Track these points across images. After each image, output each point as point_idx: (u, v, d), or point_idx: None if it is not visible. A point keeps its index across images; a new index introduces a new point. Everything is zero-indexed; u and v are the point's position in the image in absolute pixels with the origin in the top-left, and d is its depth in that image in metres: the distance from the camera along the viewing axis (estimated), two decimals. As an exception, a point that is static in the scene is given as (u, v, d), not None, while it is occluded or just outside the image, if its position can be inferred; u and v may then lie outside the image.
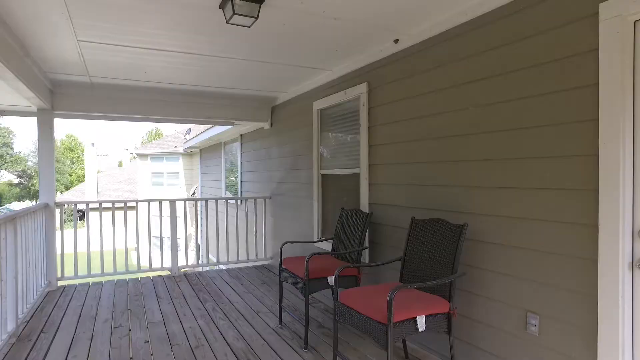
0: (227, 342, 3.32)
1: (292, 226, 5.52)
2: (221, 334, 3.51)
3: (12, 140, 32.01)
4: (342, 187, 4.36)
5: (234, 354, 3.09)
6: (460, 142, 2.80)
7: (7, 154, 31.48)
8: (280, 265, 3.71)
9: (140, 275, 5.54)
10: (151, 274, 5.59)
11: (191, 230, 14.55)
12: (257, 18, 2.65)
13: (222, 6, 2.60)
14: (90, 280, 5.27)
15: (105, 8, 2.72)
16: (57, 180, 37.10)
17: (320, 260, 3.60)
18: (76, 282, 5.17)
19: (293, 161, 5.50)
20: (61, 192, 34.83)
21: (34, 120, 5.04)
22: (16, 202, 34.42)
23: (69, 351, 3.19)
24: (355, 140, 4.06)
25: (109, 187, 25.60)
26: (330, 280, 3.28)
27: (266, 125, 6.33)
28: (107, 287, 5.02)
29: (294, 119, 5.43)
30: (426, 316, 2.38)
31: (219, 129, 8.33)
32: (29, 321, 3.86)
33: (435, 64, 3.01)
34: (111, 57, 3.80)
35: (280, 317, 3.80)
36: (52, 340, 3.40)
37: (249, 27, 2.80)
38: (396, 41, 3.36)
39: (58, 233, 5.03)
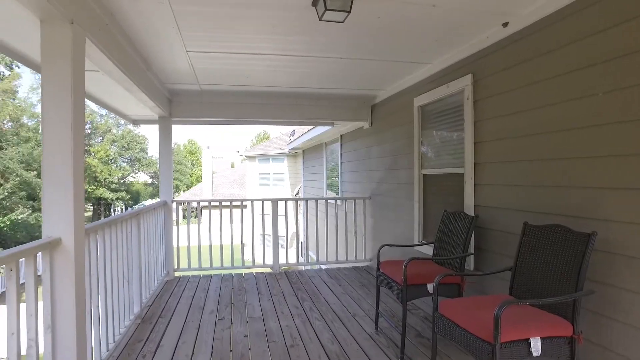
0: (321, 344, 3.29)
1: (392, 228, 5.33)
2: (316, 334, 3.49)
3: (147, 146, 37.10)
4: (445, 187, 4.06)
5: (328, 357, 3.04)
6: (584, 135, 2.36)
7: (143, 157, 36.50)
8: (378, 268, 3.58)
9: (244, 271, 5.86)
10: (254, 270, 5.88)
11: (293, 228, 15.13)
12: (349, 12, 2.56)
13: (314, 3, 2.57)
14: (201, 272, 5.72)
15: (208, 19, 2.88)
16: (180, 181, 41.79)
17: (419, 265, 3.37)
18: (189, 273, 5.67)
19: (393, 161, 5.31)
20: (183, 191, 39.13)
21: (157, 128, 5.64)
22: (150, 199, 39.65)
23: (179, 337, 3.47)
24: (459, 137, 3.74)
25: (222, 187, 27.97)
26: (430, 287, 3.04)
27: (365, 125, 6.23)
28: (214, 280, 5.39)
29: (394, 117, 5.24)
30: (542, 338, 2.04)
31: (320, 129, 8.47)
32: (150, 306, 4.31)
33: (552, 46, 2.60)
34: (216, 64, 4.05)
35: (376, 323, 3.66)
36: (168, 325, 3.74)
37: (342, 22, 2.72)
38: (505, 24, 3.00)
39: (180, 228, 5.56)
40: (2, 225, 15.38)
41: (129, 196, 32.38)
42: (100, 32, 2.61)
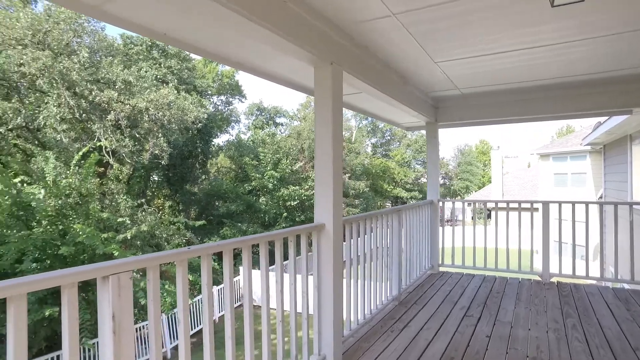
0: (572, 366, 2.92)
1: None
2: (570, 356, 3.10)
3: (438, 149, 39.26)
4: None
5: (574, 381, 2.70)
6: None
7: (436, 159, 38.90)
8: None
9: (508, 275, 5.59)
10: (520, 276, 5.52)
11: (596, 238, 12.59)
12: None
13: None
14: (464, 271, 5.86)
15: (442, 32, 3.13)
16: (470, 182, 41.60)
17: None
18: (452, 270, 5.92)
19: None
20: (474, 191, 38.81)
21: (452, 131, 6.18)
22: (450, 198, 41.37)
23: (426, 322, 3.84)
24: None
25: (513, 188, 26.14)
26: None
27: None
28: (475, 280, 5.43)
29: None
30: None
31: (617, 119, 6.90)
32: (410, 292, 4.87)
33: None
34: (467, 69, 4.17)
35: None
36: (419, 311, 4.18)
37: (583, 0, 2.39)
38: None
39: (452, 228, 5.95)
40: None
41: (421, 195, 35.03)
42: (355, 64, 3.31)
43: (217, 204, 21.98)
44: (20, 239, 9.01)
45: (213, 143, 23.55)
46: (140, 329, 11.33)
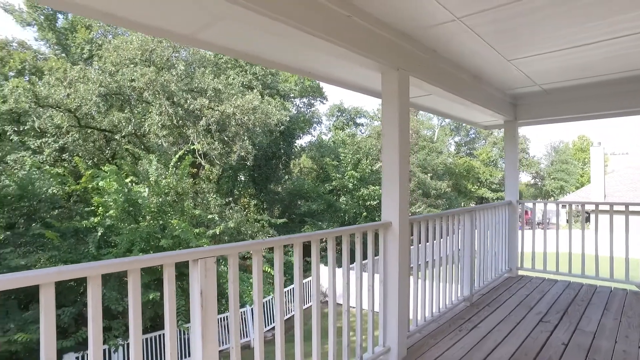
0: (658, 381, 2.72)
1: None
2: (659, 370, 2.88)
3: (527, 146, 36.34)
4: None
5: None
6: None
7: (524, 158, 36.04)
8: None
9: (599, 283, 5.18)
10: (613, 284, 5.08)
11: None
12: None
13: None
14: (547, 276, 5.55)
15: (508, 30, 3.10)
16: (565, 181, 37.96)
17: None
18: (533, 274, 5.63)
19: None
20: (571, 192, 35.36)
21: (544, 127, 5.92)
22: (532, 200, 38.33)
23: (497, 325, 3.78)
24: None
25: (620, 188, 23.40)
26: None
27: None
28: (558, 286, 5.13)
29: None
30: None
31: None
32: (484, 294, 4.78)
33: None
34: (543, 65, 4.01)
35: None
36: (491, 313, 4.11)
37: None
38: None
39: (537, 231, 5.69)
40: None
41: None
42: (422, 68, 3.41)
43: (299, 203, 22.86)
44: (130, 231, 10.38)
45: (296, 144, 24.53)
46: (224, 320, 12.28)
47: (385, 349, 3.08)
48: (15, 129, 15.45)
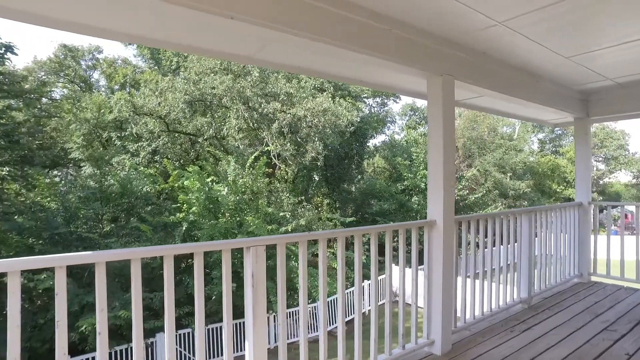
0: None
1: None
2: None
3: (626, 142, 32.50)
4: None
5: None
6: None
7: (622, 155, 32.33)
8: None
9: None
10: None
11: None
12: None
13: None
14: (624, 283, 5.18)
15: (557, 30, 3.08)
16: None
17: None
18: (608, 281, 5.28)
19: None
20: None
21: None
22: (635, 202, 34.12)
23: (553, 328, 3.71)
24: None
25: None
26: None
27: None
28: (637, 295, 4.78)
29: None
30: None
31: None
32: (546, 298, 4.64)
33: None
34: (608, 58, 3.83)
35: None
36: (550, 317, 4.02)
37: None
38: None
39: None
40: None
41: (601, 198, 29.78)
42: (470, 71, 3.49)
43: (371, 202, 23.01)
44: (210, 226, 11.40)
45: (368, 144, 24.69)
46: (292, 315, 12.87)
47: (429, 341, 3.23)
48: (118, 134, 17.66)
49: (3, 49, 11.27)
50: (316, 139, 17.80)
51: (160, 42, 2.59)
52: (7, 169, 11.87)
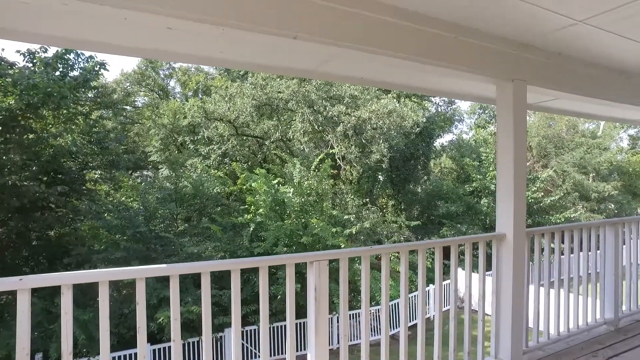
0: None
1: None
2: None
3: None
4: None
5: None
6: None
7: None
8: None
9: None
10: None
11: None
12: None
13: None
14: None
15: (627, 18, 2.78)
16: None
17: None
18: None
19: None
20: None
21: None
22: None
23: (643, 355, 3.35)
24: None
25: None
26: None
27: None
28: None
29: None
30: None
31: None
32: (639, 321, 4.19)
33: None
34: None
35: None
36: (640, 342, 3.64)
37: None
38: None
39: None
40: (558, 221, 17.71)
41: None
42: (544, 74, 3.26)
43: (438, 204, 22.31)
44: (276, 228, 11.77)
45: (435, 144, 23.97)
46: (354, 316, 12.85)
47: (497, 361, 3.08)
48: (191, 138, 18.87)
49: (98, 66, 12.55)
50: (381, 140, 17.64)
51: (227, 62, 2.74)
52: (100, 172, 13.21)
